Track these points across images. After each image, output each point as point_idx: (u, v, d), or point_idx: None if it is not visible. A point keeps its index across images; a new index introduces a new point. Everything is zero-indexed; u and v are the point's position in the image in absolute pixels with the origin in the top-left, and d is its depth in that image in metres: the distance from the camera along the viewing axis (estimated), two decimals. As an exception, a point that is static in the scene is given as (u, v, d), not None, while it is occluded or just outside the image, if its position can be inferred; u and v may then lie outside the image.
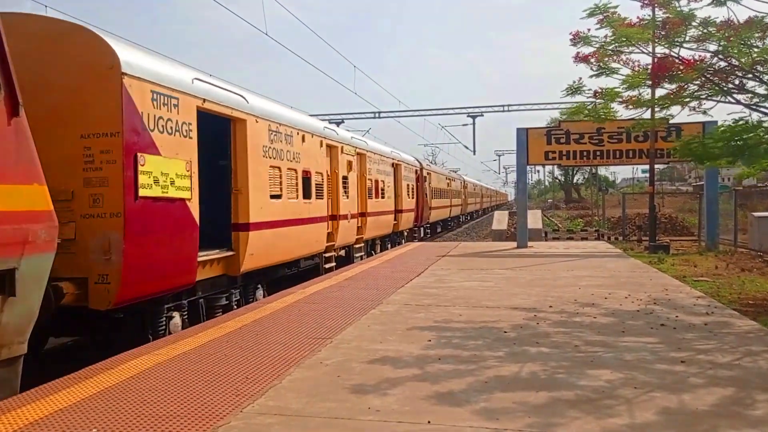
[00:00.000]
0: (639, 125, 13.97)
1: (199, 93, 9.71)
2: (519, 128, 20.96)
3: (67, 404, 5.15)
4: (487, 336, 7.44)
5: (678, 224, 32.15)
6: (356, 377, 5.79)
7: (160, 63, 9.27)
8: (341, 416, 4.78)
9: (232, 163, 11.14)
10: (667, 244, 20.05)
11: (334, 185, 16.54)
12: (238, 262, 10.90)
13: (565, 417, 4.66)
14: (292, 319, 8.71)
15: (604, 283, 11.78)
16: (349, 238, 18.20)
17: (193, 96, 9.53)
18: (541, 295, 10.50)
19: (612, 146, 20.42)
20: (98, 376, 5.98)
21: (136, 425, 4.64)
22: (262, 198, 11.69)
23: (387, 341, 7.22)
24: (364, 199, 19.93)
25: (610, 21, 10.82)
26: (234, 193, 11.10)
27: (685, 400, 5.07)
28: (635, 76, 10.96)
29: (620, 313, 8.85)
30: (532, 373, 5.85)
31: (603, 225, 34.40)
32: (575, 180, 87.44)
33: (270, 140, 12.22)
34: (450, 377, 5.75)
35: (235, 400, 5.18)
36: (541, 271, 13.97)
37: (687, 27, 10.22)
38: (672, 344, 6.95)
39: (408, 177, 27.58)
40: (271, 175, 12.25)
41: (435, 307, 9.48)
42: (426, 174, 32.62)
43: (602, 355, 6.51)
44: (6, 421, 4.77)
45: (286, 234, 12.81)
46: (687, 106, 11.41)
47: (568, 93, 11.50)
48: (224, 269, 10.79)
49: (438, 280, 12.54)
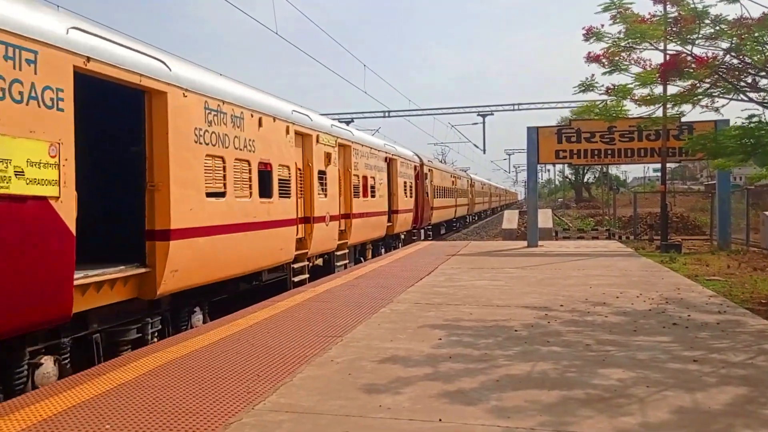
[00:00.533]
0: (651, 122, 13.90)
1: (78, 48, 7.06)
2: (529, 127, 20.91)
3: (80, 401, 5.18)
4: (498, 335, 7.43)
5: (690, 223, 31.94)
6: (367, 375, 5.80)
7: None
8: (352, 414, 4.78)
9: (147, 150, 8.53)
10: (678, 243, 19.92)
11: (307, 181, 13.97)
12: (155, 281, 8.32)
13: (577, 416, 4.64)
14: (303, 317, 8.72)
15: (616, 282, 11.73)
16: (329, 244, 15.41)
17: (67, 51, 6.86)
18: (552, 294, 10.46)
19: (623, 145, 20.32)
20: (111, 372, 6.01)
21: (149, 421, 4.67)
22: (193, 197, 9.10)
23: (397, 340, 7.22)
24: (349, 198, 17.23)
25: (624, 17, 10.77)
26: (149, 190, 8.49)
27: (699, 399, 5.04)
28: (648, 72, 10.91)
29: (632, 312, 8.81)
30: (543, 372, 5.83)
31: (614, 224, 34.22)
32: (586, 179, 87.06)
33: (207, 122, 9.57)
34: (461, 376, 5.74)
35: (246, 397, 5.20)
36: (552, 270, 13.93)
37: (700, 24, 10.15)
38: (685, 343, 6.92)
39: (405, 173, 24.91)
40: (208, 167, 9.58)
41: (445, 305, 9.47)
42: (427, 171, 29.91)
43: (614, 354, 6.48)
44: (20, 417, 4.81)
45: (233, 242, 10.13)
46: (699, 104, 11.36)
47: (580, 89, 11.47)
48: (134, 291, 8.22)
49: (448, 279, 12.52)
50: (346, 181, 17.18)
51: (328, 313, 8.98)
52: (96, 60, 7.31)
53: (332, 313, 8.97)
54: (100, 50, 7.46)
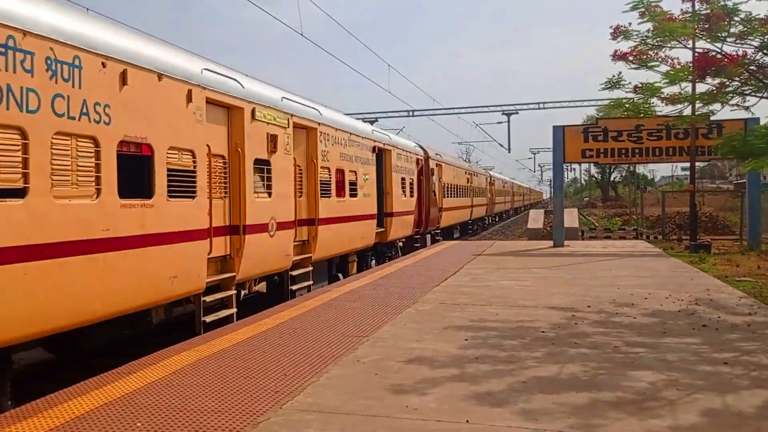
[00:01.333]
0: (680, 121, 13.72)
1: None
2: (555, 126, 20.75)
3: (111, 398, 5.27)
4: (524, 336, 7.39)
5: (719, 223, 31.49)
6: (393, 376, 5.81)
7: None
8: (379, 414, 4.80)
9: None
10: (708, 244, 19.64)
11: (235, 175, 9.73)
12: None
13: (607, 418, 4.61)
14: (329, 316, 8.76)
15: (644, 283, 11.60)
16: (277, 261, 11.06)
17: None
18: (579, 294, 10.38)
19: (651, 143, 20.07)
20: (142, 371, 6.10)
21: (179, 419, 4.73)
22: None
23: (423, 340, 7.22)
24: (314, 197, 12.86)
25: (653, 15, 10.64)
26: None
27: (730, 401, 4.97)
28: (678, 70, 10.76)
29: (661, 313, 8.71)
30: (571, 374, 5.79)
31: (641, 224, 33.80)
32: (612, 178, 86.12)
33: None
34: (488, 377, 5.72)
35: (274, 397, 5.24)
36: (579, 271, 13.81)
37: (730, 22, 10.01)
38: (715, 345, 6.82)
39: (404, 168, 20.67)
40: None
41: (471, 306, 9.45)
42: (434, 166, 25.59)
43: (644, 356, 6.42)
44: (53, 414, 4.90)
45: (48, 275, 6.14)
46: (729, 103, 11.18)
47: (607, 87, 11.33)
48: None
49: (473, 279, 12.49)
50: (311, 176, 12.85)
51: (353, 312, 9.01)
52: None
53: (357, 312, 9.00)
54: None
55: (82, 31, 6.77)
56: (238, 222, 9.71)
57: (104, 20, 8.03)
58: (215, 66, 9.68)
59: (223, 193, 9.49)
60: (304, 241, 12.64)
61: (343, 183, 14.73)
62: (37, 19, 6.15)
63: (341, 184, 14.65)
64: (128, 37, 7.84)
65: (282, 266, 11.37)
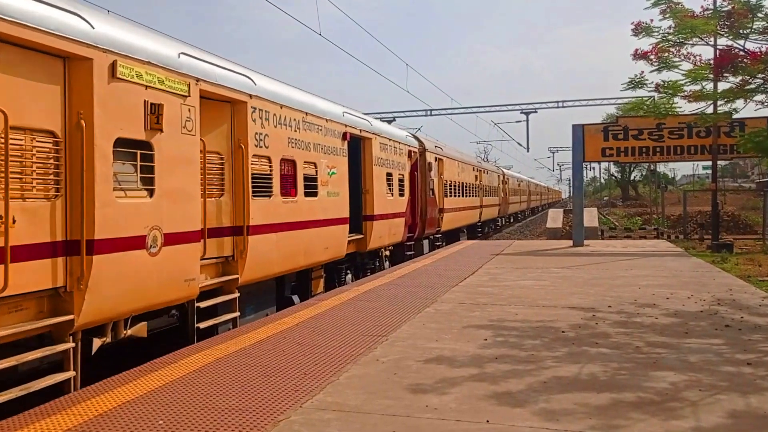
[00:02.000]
0: (702, 119, 13.57)
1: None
2: (575, 125, 20.62)
3: (133, 396, 5.32)
4: (544, 336, 7.35)
5: (741, 222, 31.18)
6: (413, 375, 5.81)
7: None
8: (399, 414, 4.80)
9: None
10: (730, 243, 19.43)
11: (78, 162, 6.35)
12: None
13: (629, 419, 4.57)
14: (348, 316, 8.78)
15: (665, 283, 11.49)
16: (169, 290, 7.58)
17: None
18: (600, 294, 10.31)
19: (672, 142, 19.88)
20: (163, 369, 6.15)
21: (201, 418, 4.77)
22: None
23: (442, 340, 7.22)
24: (243, 197, 9.31)
25: (674, 12, 10.55)
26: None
27: (753, 403, 4.91)
28: (699, 68, 10.66)
29: (683, 313, 8.62)
30: (592, 374, 5.76)
31: (662, 223, 33.50)
32: (633, 177, 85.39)
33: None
34: (508, 377, 5.70)
35: (294, 395, 5.26)
36: (599, 270, 13.71)
37: (753, 18, 9.90)
38: (738, 346, 6.74)
39: (390, 161, 16.89)
40: None
41: (490, 305, 9.42)
42: (433, 160, 22.03)
43: (665, 356, 6.36)
44: (76, 412, 4.96)
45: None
46: (752, 100, 11.06)
47: (629, 87, 11.25)
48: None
49: (492, 279, 12.45)
50: (237, 168, 9.32)
51: (372, 312, 9.02)
52: None
53: (376, 312, 9.01)
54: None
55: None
56: (83, 236, 6.24)
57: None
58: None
59: (51, 191, 6.16)
60: (228, 258, 9.09)
61: (294, 178, 11.00)
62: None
63: (290, 180, 10.93)
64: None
65: (178, 297, 7.78)
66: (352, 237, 14.18)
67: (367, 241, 15.04)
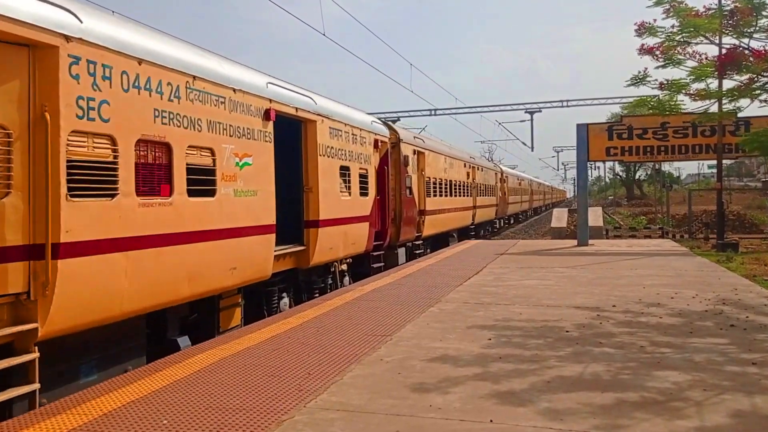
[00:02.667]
0: (707, 118, 13.53)
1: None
2: (579, 124, 20.57)
3: (138, 396, 5.34)
4: (548, 335, 7.34)
5: (746, 221, 31.09)
6: (417, 375, 5.81)
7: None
8: (403, 413, 4.80)
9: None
10: (735, 242, 19.36)
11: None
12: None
13: (632, 419, 4.56)
14: (352, 315, 8.78)
15: (670, 283, 11.46)
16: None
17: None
18: (604, 294, 10.29)
19: (677, 141, 19.82)
20: (166, 369, 6.17)
21: (204, 417, 4.78)
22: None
23: (447, 339, 7.21)
24: (47, 199, 5.83)
25: (677, 11, 10.51)
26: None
27: (758, 403, 4.89)
28: (703, 67, 10.62)
29: (687, 313, 8.60)
30: (596, 374, 5.75)
31: (667, 222, 33.41)
32: (637, 176, 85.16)
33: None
34: (512, 376, 5.70)
35: (298, 395, 5.27)
36: (603, 270, 13.69)
37: (757, 17, 9.86)
38: (743, 345, 6.72)
39: (346, 152, 13.48)
40: None
41: (494, 305, 9.41)
42: (412, 153, 18.86)
43: (669, 356, 6.34)
44: (81, 412, 4.98)
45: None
46: (757, 98, 11.01)
47: (632, 83, 11.20)
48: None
49: (497, 279, 12.43)
50: (38, 154, 5.84)
51: (376, 311, 9.02)
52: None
53: (380, 311, 9.01)
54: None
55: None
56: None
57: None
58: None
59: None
60: (17, 296, 5.68)
61: (167, 169, 7.59)
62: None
63: (160, 172, 7.51)
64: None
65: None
66: (287, 249, 10.93)
67: (310, 255, 11.59)
